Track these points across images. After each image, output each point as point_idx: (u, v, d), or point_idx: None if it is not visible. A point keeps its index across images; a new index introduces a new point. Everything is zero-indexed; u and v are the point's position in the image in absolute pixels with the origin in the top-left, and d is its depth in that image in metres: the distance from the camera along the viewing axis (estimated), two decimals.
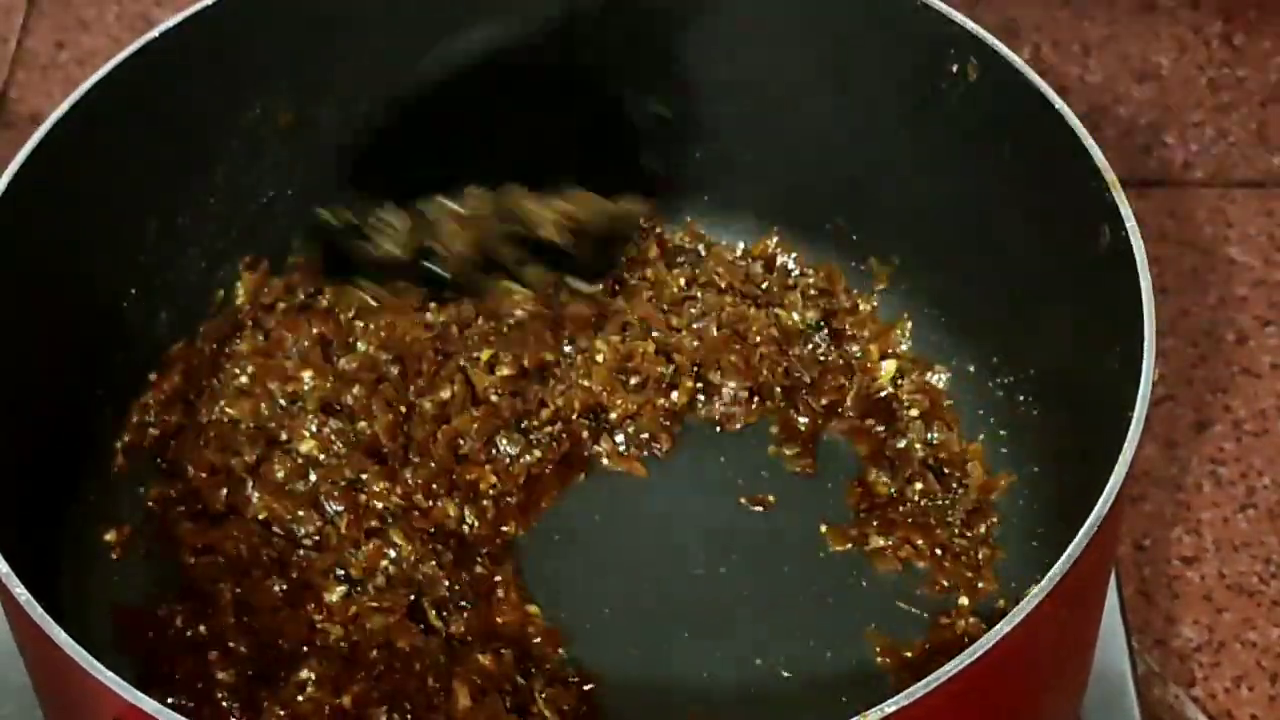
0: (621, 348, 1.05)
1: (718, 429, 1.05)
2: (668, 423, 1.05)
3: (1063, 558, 0.79)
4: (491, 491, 1.01)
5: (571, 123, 0.99)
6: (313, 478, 1.01)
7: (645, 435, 1.04)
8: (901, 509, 1.01)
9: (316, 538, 1.00)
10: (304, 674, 0.94)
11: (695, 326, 1.07)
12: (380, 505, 1.00)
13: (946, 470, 1.03)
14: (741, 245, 1.12)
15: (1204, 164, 1.29)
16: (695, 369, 1.06)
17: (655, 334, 1.06)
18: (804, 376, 1.06)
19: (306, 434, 1.03)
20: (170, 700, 0.93)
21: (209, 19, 1.00)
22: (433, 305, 1.06)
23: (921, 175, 1.04)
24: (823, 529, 1.01)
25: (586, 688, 0.95)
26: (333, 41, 1.05)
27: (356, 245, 0.99)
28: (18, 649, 0.90)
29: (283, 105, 1.06)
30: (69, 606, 0.97)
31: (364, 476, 1.01)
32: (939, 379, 1.06)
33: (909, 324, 1.08)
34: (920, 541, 1.00)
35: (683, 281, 1.10)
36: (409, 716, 0.92)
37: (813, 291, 1.09)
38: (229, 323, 1.07)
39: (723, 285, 1.09)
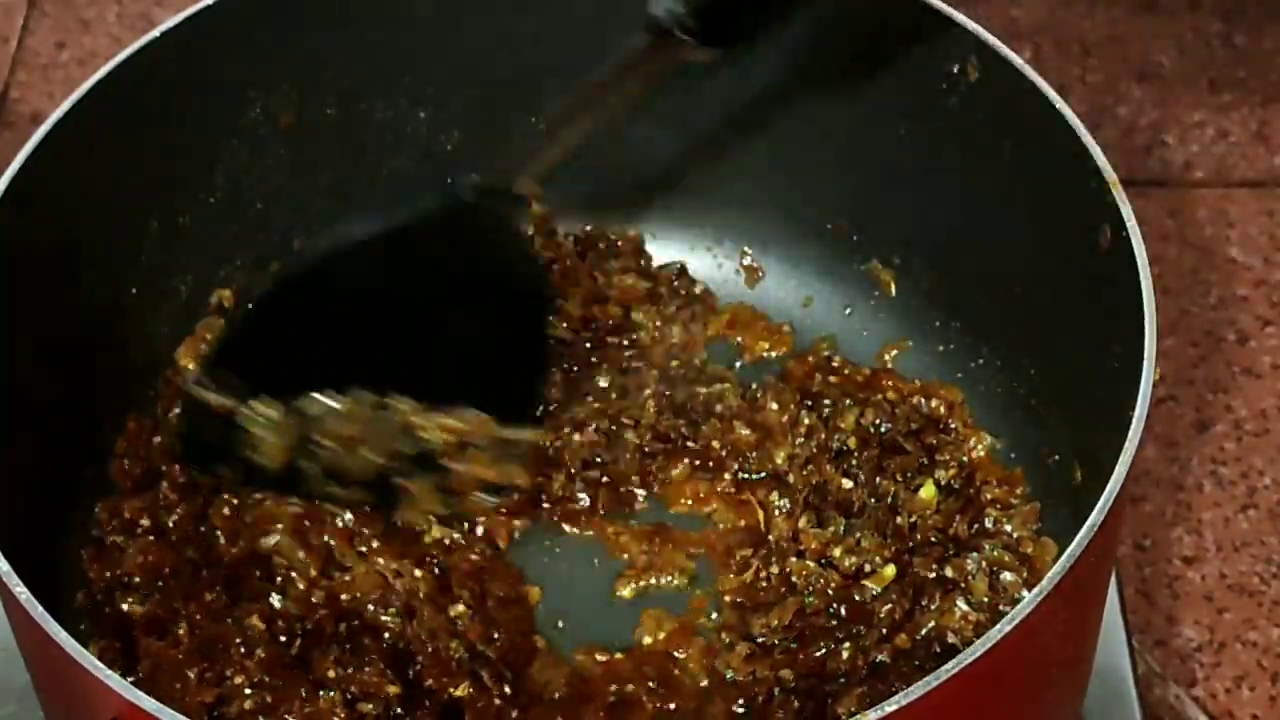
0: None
1: None
2: None
3: (1063, 558, 0.79)
4: None
5: (471, 341, 0.96)
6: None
7: None
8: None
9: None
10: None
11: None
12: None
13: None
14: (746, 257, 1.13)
15: (1204, 164, 1.29)
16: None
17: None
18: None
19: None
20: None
21: (209, 19, 1.00)
22: None
23: (922, 175, 1.04)
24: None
25: None
26: (333, 41, 1.05)
27: (227, 433, 0.94)
28: (18, 649, 0.90)
29: (283, 105, 1.06)
30: (69, 606, 0.97)
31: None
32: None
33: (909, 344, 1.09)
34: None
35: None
36: None
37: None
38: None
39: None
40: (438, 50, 1.07)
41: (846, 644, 0.95)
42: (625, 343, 1.08)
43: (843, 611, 0.96)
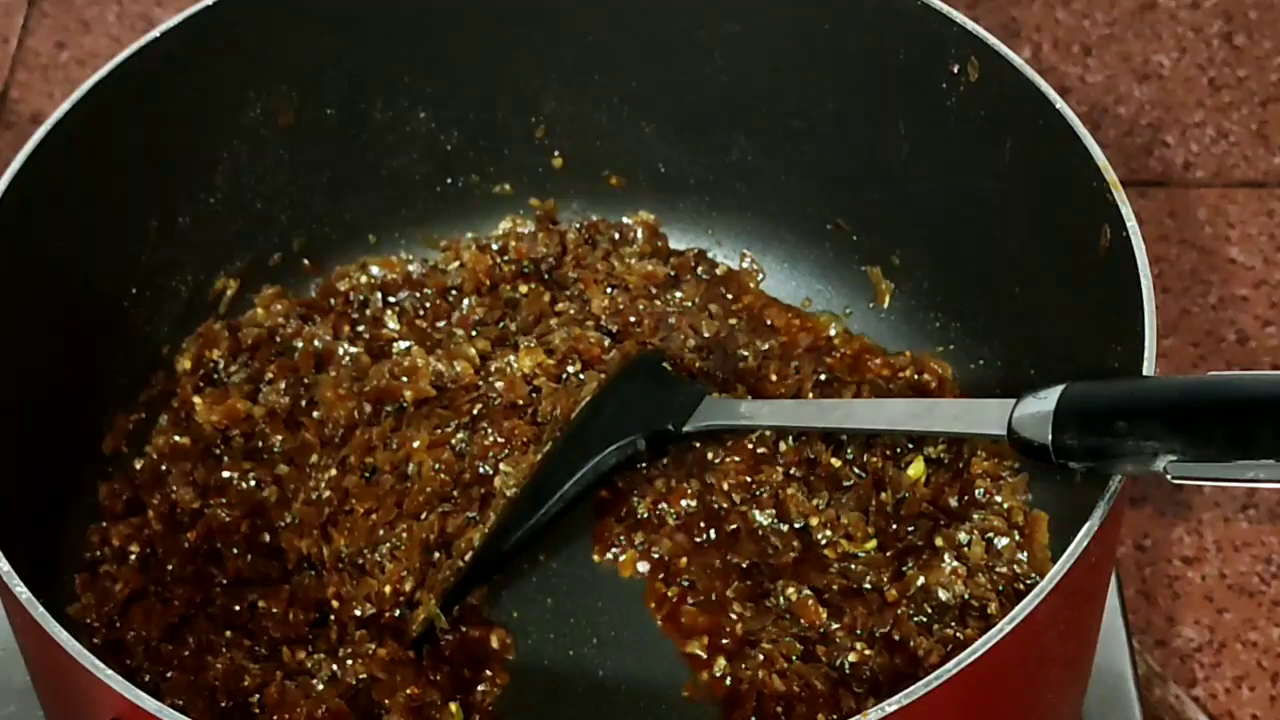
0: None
1: None
2: None
3: (1063, 557, 0.79)
4: None
5: None
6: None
7: None
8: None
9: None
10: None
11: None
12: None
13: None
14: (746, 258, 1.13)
15: (1204, 164, 1.29)
16: None
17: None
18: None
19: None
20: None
21: (209, 19, 1.00)
22: None
23: (922, 175, 1.04)
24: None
25: None
26: (333, 41, 1.05)
27: None
28: (18, 649, 0.90)
29: (283, 105, 1.06)
30: (69, 606, 0.97)
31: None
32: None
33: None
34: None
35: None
36: None
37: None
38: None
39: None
40: (438, 50, 1.07)
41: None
42: (652, 325, 1.08)
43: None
